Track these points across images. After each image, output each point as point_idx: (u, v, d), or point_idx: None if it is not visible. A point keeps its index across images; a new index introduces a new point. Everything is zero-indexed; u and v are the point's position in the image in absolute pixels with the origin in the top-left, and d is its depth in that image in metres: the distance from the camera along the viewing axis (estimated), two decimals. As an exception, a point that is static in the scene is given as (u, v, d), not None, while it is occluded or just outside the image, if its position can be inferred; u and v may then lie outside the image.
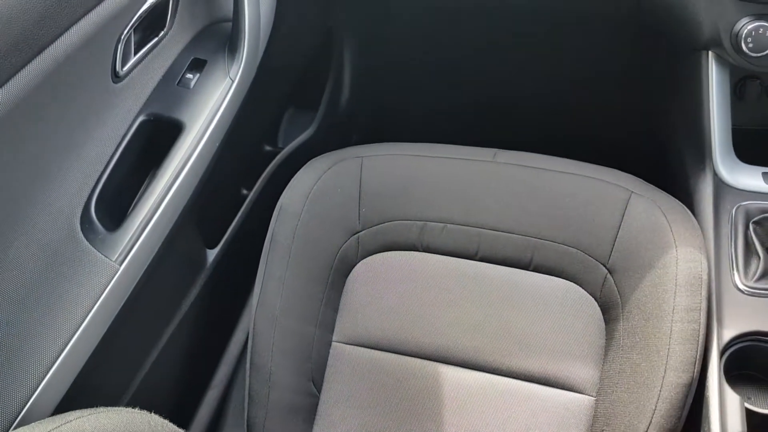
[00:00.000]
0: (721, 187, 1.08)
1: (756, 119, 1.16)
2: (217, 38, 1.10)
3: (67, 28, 0.79)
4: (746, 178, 1.08)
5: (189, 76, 1.04)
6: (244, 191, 1.33)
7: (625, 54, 1.42)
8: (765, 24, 0.99)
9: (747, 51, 1.01)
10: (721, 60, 1.07)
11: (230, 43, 1.06)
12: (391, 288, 1.10)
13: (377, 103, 1.66)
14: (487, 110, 1.60)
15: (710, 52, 1.07)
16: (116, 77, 0.92)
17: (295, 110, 1.51)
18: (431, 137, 1.23)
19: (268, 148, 1.41)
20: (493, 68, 1.56)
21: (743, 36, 1.00)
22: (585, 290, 1.05)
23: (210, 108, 1.02)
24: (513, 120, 1.61)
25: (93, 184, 0.90)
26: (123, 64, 0.93)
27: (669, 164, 1.28)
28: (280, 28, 1.18)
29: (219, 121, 1.02)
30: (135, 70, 0.96)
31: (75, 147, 0.87)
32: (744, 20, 1.01)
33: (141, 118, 0.98)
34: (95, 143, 0.91)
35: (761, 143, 1.13)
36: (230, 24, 1.08)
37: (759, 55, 1.01)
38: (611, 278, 1.03)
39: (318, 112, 1.49)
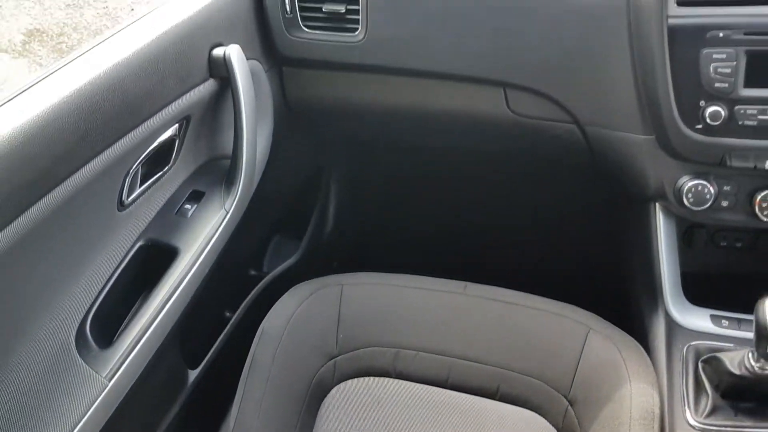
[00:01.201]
0: (673, 326, 1.17)
1: (704, 264, 1.28)
2: (216, 172, 1.20)
3: (83, 165, 0.88)
4: (696, 319, 1.17)
5: (187, 206, 1.14)
6: (228, 313, 1.40)
7: (586, 196, 1.56)
8: (703, 182, 1.12)
9: (688, 205, 1.13)
10: (667, 211, 1.19)
11: (227, 178, 1.17)
12: (365, 415, 1.15)
13: (358, 233, 1.77)
14: (460, 241, 1.72)
15: (658, 204, 1.20)
16: (121, 206, 1.01)
17: (281, 237, 1.61)
18: (408, 265, 1.33)
19: (253, 272, 1.50)
20: (466, 204, 1.69)
21: (684, 191, 1.13)
22: (547, 420, 1.11)
23: (204, 236, 1.11)
24: (484, 251, 1.73)
25: (90, 303, 0.97)
26: (128, 195, 1.02)
27: (626, 302, 1.37)
28: (274, 165, 1.30)
29: (211, 248, 1.11)
30: (138, 200, 1.05)
31: (77, 267, 0.95)
32: (684, 178, 1.14)
33: (140, 243, 1.06)
34: (95, 265, 0.98)
35: (709, 286, 1.23)
36: (229, 160, 1.20)
37: (699, 208, 1.13)
38: (572, 410, 1.09)
39: (303, 240, 1.58)
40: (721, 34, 1.04)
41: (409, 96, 1.28)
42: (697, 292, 1.22)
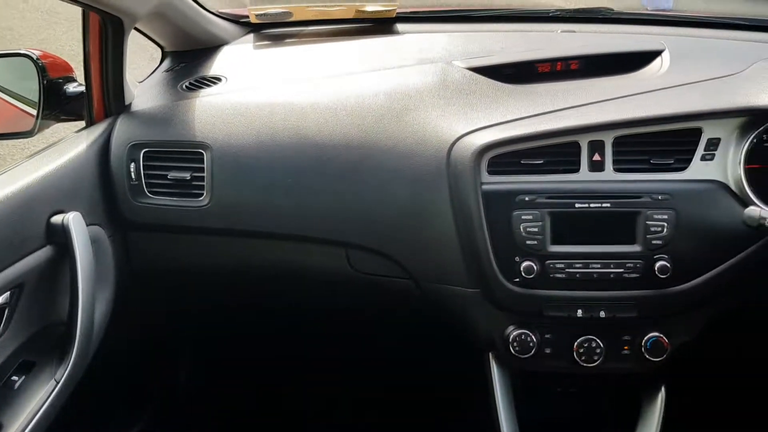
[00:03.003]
0: None
1: (546, 410, 1.34)
2: (51, 341, 1.16)
3: None
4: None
5: (15, 378, 1.08)
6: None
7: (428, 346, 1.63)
8: (526, 331, 1.22)
9: (515, 353, 1.21)
10: (500, 360, 1.27)
11: (61, 347, 1.13)
12: None
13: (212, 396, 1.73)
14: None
15: (491, 354, 1.27)
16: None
17: (122, 409, 1.53)
18: None
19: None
20: (324, 363, 1.72)
21: (510, 340, 1.22)
22: None
23: (30, 410, 1.05)
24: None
25: None
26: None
27: None
28: (118, 332, 1.27)
29: (37, 422, 1.05)
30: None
31: None
32: (510, 327, 1.23)
33: None
34: None
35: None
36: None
37: (525, 356, 1.21)
38: None
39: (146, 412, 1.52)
40: (527, 198, 1.18)
41: (256, 257, 1.32)
42: None
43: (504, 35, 1.52)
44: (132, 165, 1.29)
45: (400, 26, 1.62)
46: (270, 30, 1.64)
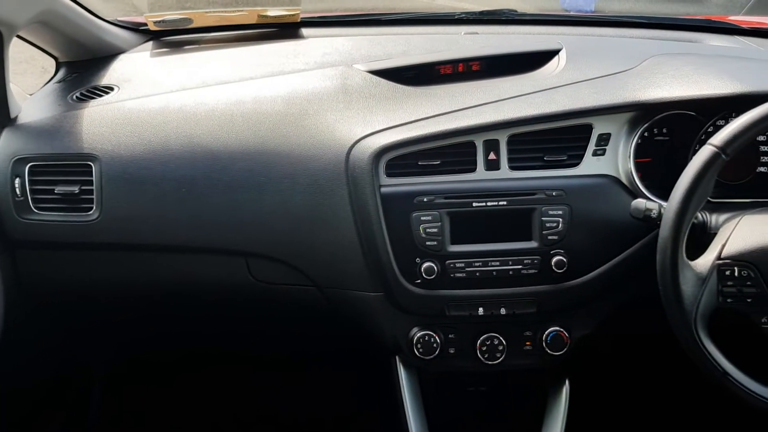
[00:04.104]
0: None
1: (456, 410, 1.34)
2: None
3: None
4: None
5: None
6: None
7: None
8: (430, 332, 1.21)
9: (419, 355, 1.21)
10: (407, 362, 1.26)
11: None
12: None
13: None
14: None
15: (398, 357, 1.26)
16: None
17: None
18: None
19: None
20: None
21: (414, 342, 1.21)
22: None
23: None
24: None
25: None
26: None
27: None
28: (8, 360, 1.20)
29: None
30: None
31: None
32: (415, 329, 1.22)
33: None
34: None
35: None
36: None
37: (429, 357, 1.21)
38: None
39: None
40: (425, 199, 1.18)
41: (152, 271, 1.28)
42: None
43: (407, 38, 1.52)
44: (17, 180, 1.23)
45: (305, 31, 1.60)
46: (170, 37, 1.60)
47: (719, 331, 1.02)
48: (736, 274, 1.00)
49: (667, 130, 1.24)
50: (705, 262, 1.02)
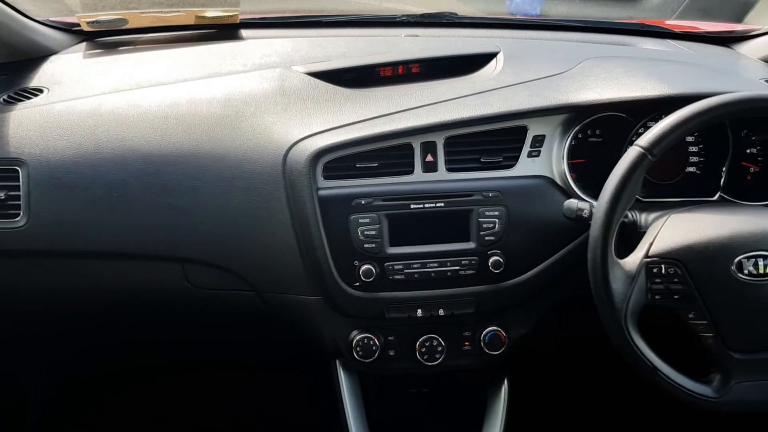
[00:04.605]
0: None
1: (399, 412, 1.34)
2: None
3: None
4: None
5: None
6: None
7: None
8: (369, 335, 1.21)
9: (358, 358, 1.20)
10: (347, 366, 1.25)
11: None
12: None
13: None
14: None
15: (338, 361, 1.26)
16: None
17: None
18: None
19: None
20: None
21: (354, 345, 1.21)
22: None
23: None
24: None
25: None
26: None
27: None
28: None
29: None
30: None
31: None
32: (354, 332, 1.22)
33: None
34: None
35: None
36: None
37: (369, 360, 1.21)
38: None
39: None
40: (363, 202, 1.17)
41: (84, 278, 1.24)
42: None
43: (348, 40, 1.52)
44: None
45: (244, 32, 1.58)
46: (104, 38, 1.56)
47: (649, 327, 1.05)
48: (663, 271, 1.03)
49: (600, 132, 1.27)
50: (634, 260, 1.05)
